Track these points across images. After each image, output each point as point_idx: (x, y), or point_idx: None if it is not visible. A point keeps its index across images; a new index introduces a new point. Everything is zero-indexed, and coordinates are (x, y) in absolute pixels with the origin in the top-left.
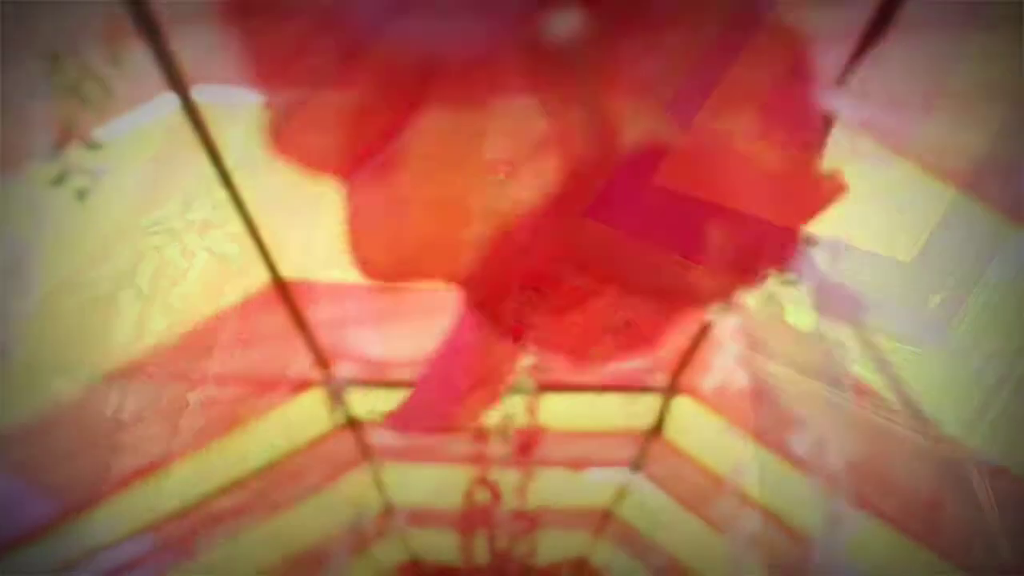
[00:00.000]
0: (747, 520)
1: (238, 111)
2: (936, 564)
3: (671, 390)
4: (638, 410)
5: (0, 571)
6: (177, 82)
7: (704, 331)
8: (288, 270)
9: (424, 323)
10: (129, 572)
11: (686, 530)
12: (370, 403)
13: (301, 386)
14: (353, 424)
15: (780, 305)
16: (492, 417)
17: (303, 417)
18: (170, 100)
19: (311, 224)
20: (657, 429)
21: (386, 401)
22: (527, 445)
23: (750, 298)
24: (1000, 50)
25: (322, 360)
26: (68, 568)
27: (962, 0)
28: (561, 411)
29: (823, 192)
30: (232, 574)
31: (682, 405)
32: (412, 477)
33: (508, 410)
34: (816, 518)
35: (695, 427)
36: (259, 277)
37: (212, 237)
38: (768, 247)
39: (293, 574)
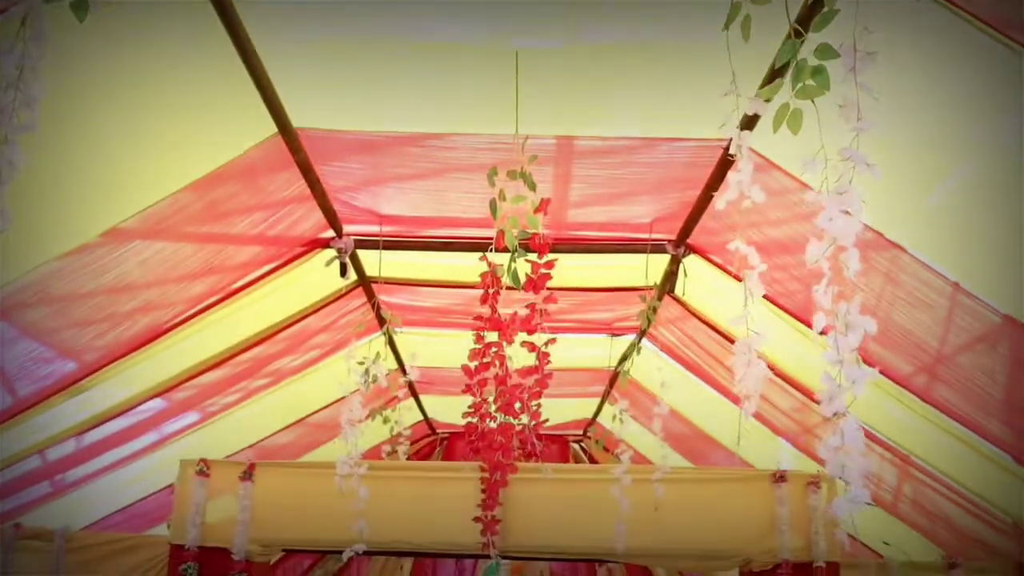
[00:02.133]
0: (754, 376)
1: None
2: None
3: (680, 247)
4: (647, 269)
5: (28, 430)
6: None
7: (713, 186)
8: (298, 121)
9: (438, 179)
10: (146, 433)
11: (693, 389)
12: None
13: (312, 245)
14: (365, 285)
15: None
16: (502, 268)
17: (314, 278)
18: None
19: (323, 75)
20: (667, 288)
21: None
22: (532, 330)
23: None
24: None
25: (333, 218)
26: (90, 428)
27: None
28: (570, 270)
29: None
30: (249, 436)
31: (692, 264)
32: (424, 340)
33: (517, 258)
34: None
35: (704, 286)
36: (267, 128)
37: (220, 86)
38: None
39: (309, 434)
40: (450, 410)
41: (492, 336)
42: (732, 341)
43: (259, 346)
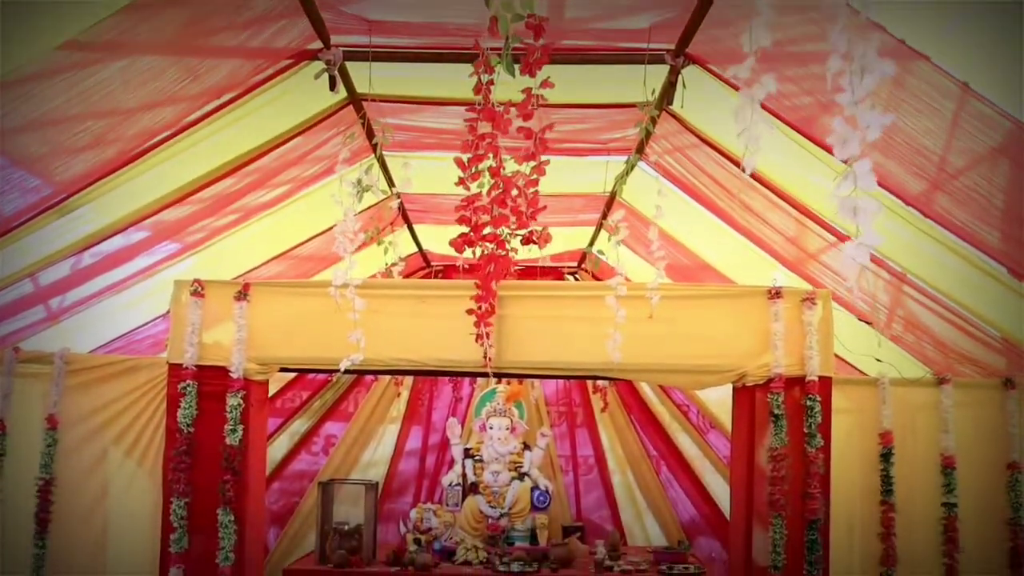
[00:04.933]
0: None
1: None
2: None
3: (679, 57)
4: (645, 79)
5: (15, 252)
6: None
7: None
8: None
9: None
10: (128, 262)
11: (692, 217)
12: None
13: (299, 57)
14: (355, 102)
15: None
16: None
17: (302, 94)
18: None
19: None
20: (665, 102)
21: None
22: (529, 115)
23: None
24: None
25: (320, 27)
26: (79, 251)
27: None
28: (567, 84)
29: None
30: (238, 266)
31: (691, 75)
32: (417, 165)
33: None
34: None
35: (703, 99)
36: None
37: None
38: None
39: (299, 265)
40: (446, 241)
41: (486, 127)
42: (731, 160)
43: (235, 174)
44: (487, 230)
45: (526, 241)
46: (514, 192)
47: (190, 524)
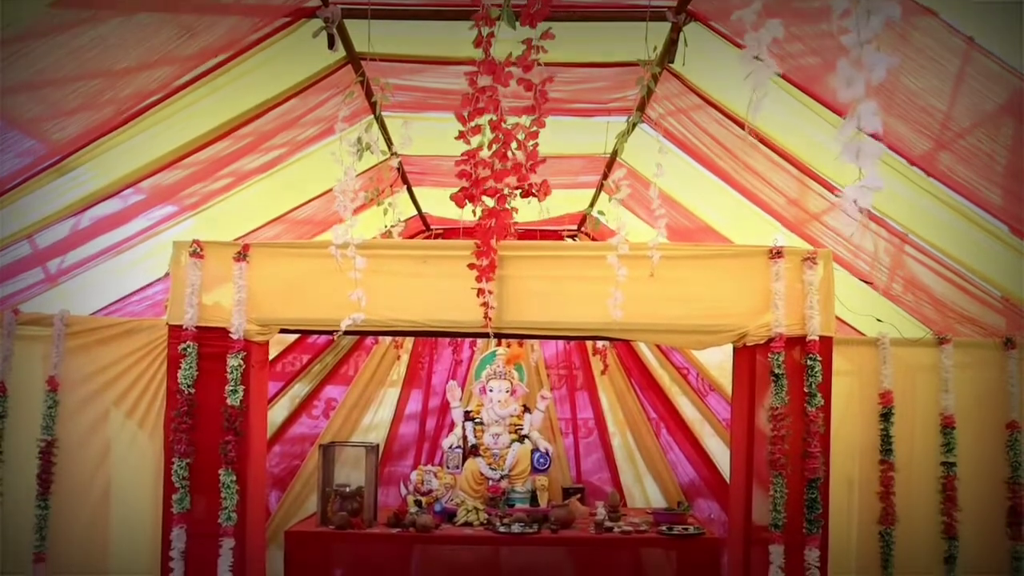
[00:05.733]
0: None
1: None
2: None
3: (681, 14)
4: (647, 35)
5: (13, 214)
6: None
7: None
8: None
9: None
10: (126, 224)
11: (694, 179)
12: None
13: (296, 15)
14: (354, 61)
15: None
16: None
17: (300, 54)
18: None
19: None
20: (666, 60)
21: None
22: (529, 67)
23: None
24: None
25: None
26: (65, 217)
27: None
28: (566, 43)
29: None
30: (234, 229)
31: (693, 33)
32: (416, 127)
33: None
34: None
35: (705, 58)
36: None
37: None
38: None
39: (297, 227)
40: (445, 204)
41: (486, 81)
42: (733, 119)
43: (232, 135)
44: (488, 184)
45: (526, 194)
46: (514, 145)
47: (192, 485)
